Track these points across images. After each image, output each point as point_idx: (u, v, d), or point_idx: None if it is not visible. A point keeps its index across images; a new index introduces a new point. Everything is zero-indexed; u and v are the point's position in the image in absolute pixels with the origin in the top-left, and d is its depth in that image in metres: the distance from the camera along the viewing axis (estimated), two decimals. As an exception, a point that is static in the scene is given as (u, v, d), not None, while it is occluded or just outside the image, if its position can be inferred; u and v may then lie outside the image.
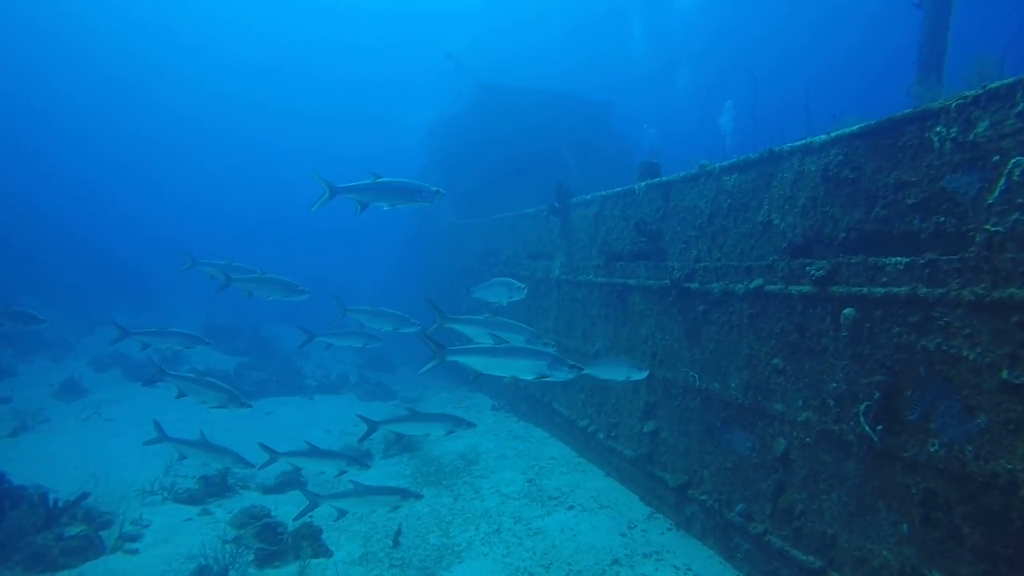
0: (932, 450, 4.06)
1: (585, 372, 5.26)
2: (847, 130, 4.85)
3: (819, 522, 4.99)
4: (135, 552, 6.51)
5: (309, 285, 7.20)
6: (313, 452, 6.68)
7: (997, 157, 3.74)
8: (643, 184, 7.83)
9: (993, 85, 3.78)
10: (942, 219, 4.08)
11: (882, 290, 4.42)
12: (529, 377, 4.79)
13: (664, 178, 7.45)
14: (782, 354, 5.41)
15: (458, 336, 6.19)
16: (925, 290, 4.11)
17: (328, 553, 6.65)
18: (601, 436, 8.84)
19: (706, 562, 6.21)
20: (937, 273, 4.05)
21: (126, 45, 62.40)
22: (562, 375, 4.72)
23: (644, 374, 5.74)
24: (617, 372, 5.90)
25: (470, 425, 6.34)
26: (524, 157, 17.91)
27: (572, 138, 19.05)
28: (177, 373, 6.84)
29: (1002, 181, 3.70)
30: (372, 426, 6.36)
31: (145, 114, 66.22)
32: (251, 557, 6.46)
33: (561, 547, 6.62)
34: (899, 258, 4.33)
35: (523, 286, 7.32)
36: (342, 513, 6.41)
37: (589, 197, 9.40)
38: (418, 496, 6.38)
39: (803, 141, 5.32)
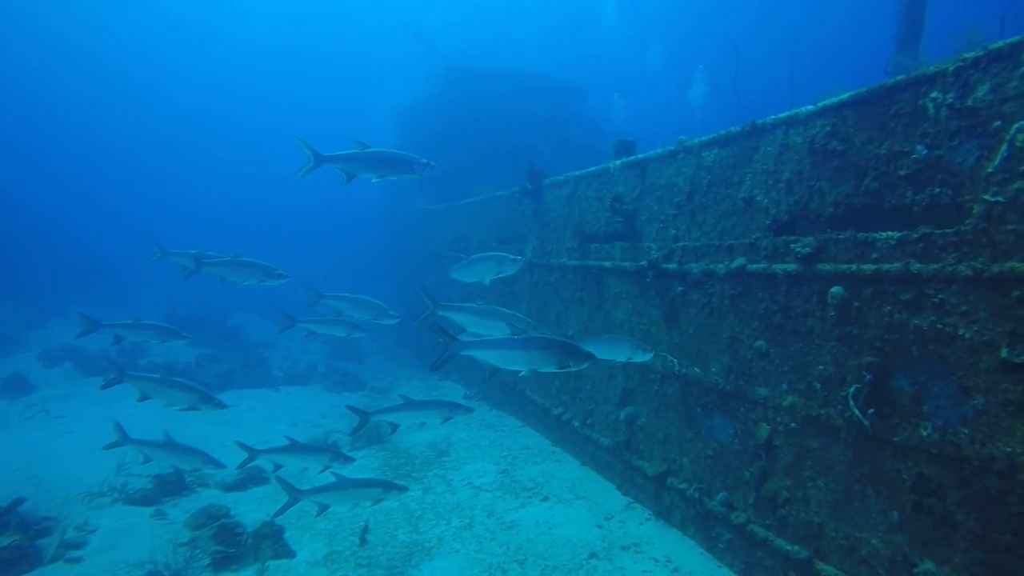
0: (925, 434, 3.86)
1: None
2: (835, 99, 4.59)
3: (805, 510, 4.79)
4: (77, 560, 6.04)
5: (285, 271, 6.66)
6: (294, 448, 6.23)
7: (998, 123, 3.51)
8: (618, 162, 7.52)
9: (995, 45, 3.54)
10: (937, 190, 3.85)
11: (872, 267, 4.19)
12: (549, 369, 4.43)
13: (640, 155, 7.15)
14: (765, 336, 5.18)
15: (451, 325, 5.76)
16: (918, 266, 3.88)
17: (290, 554, 6.31)
18: (576, 424, 8.59)
19: (687, 553, 6.00)
20: (931, 248, 3.83)
21: (100, 20, 59.45)
22: (579, 364, 4.35)
23: (648, 355, 5.15)
24: (617, 351, 5.24)
25: (468, 410, 6.01)
26: (496, 142, 17.51)
27: (545, 123, 18.71)
28: (138, 373, 6.21)
29: (1003, 148, 3.47)
30: (364, 417, 5.93)
31: (107, 87, 63.43)
32: (207, 561, 6.08)
33: (536, 541, 6.35)
34: (891, 233, 4.10)
35: (518, 258, 6.35)
36: (323, 508, 6.05)
37: (562, 178, 9.07)
38: (402, 488, 6.04)
39: (788, 112, 5.05)
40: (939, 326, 3.78)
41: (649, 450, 6.98)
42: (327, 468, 6.23)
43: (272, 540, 6.41)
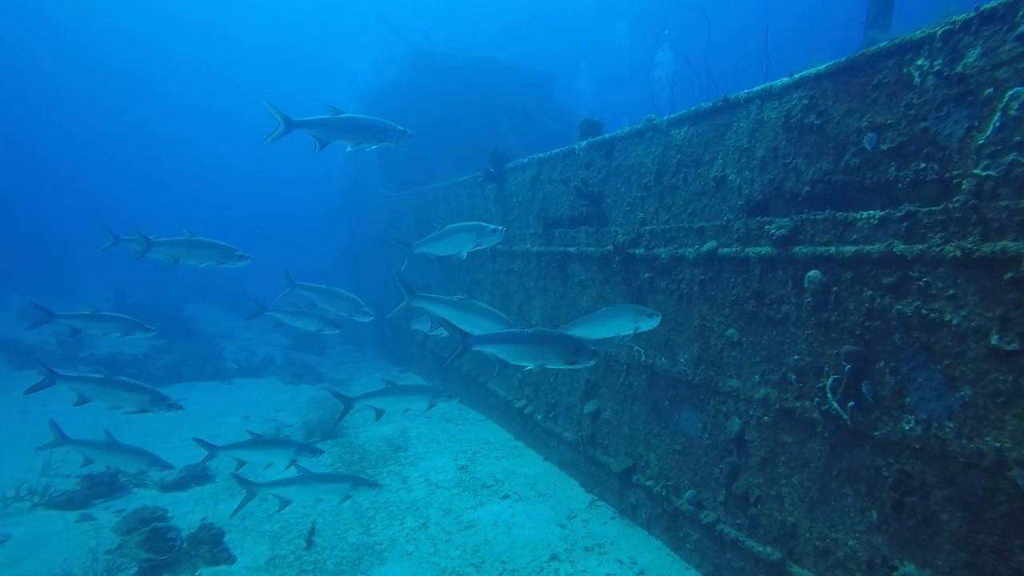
0: (907, 428, 3.58)
1: (576, 331, 4.51)
2: (812, 70, 4.28)
3: (778, 509, 4.50)
4: (-21, 575, 5.44)
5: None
6: (256, 442, 5.82)
7: (990, 90, 3.22)
8: (584, 143, 7.15)
9: (987, 6, 3.25)
10: (922, 165, 3.56)
11: (852, 249, 3.89)
12: (557, 366, 4.25)
13: (607, 135, 6.80)
14: (737, 324, 4.87)
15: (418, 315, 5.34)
16: (902, 247, 3.59)
17: (229, 559, 5.83)
18: (539, 418, 8.23)
19: (653, 554, 5.69)
20: (916, 227, 3.54)
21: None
22: (587, 362, 4.19)
23: (656, 320, 4.54)
24: (621, 323, 4.57)
25: (450, 397, 5.81)
26: (462, 129, 17.06)
27: (512, 110, 18.30)
28: (75, 373, 5.52)
29: (996, 117, 3.18)
30: (348, 403, 5.66)
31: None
32: (133, 570, 5.53)
33: (494, 542, 5.98)
34: (872, 212, 3.80)
35: (498, 228, 5.74)
36: (285, 503, 5.70)
37: (526, 160, 8.67)
38: (372, 484, 5.76)
39: (762, 86, 4.73)
40: (924, 312, 3.49)
41: (614, 445, 6.66)
42: (294, 462, 5.87)
43: (210, 544, 5.92)
